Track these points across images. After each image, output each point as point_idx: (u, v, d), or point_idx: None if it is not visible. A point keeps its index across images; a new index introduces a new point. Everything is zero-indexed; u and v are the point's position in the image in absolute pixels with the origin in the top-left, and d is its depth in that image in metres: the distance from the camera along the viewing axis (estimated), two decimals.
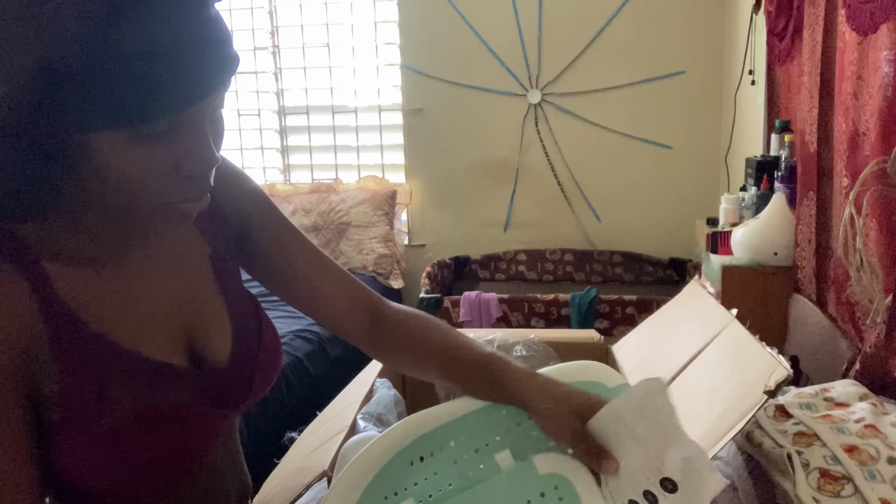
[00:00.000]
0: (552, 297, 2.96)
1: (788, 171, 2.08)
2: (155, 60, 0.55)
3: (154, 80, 0.56)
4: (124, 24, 0.54)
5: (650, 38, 3.37)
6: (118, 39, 0.54)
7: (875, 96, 1.43)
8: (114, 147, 0.59)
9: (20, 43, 0.54)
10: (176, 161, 0.62)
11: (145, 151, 0.60)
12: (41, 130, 0.57)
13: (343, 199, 3.58)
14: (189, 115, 0.60)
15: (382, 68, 3.67)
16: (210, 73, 0.59)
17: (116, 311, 0.69)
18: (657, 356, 1.20)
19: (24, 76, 0.54)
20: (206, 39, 0.58)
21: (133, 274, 0.72)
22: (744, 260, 2.07)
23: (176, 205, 0.65)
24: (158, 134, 0.60)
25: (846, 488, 0.80)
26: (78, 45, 0.54)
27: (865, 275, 1.33)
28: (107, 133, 0.58)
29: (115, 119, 0.57)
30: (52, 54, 0.54)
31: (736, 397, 0.89)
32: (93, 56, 0.54)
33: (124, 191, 0.62)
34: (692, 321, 1.21)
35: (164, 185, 0.63)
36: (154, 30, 0.55)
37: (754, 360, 0.94)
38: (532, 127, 3.53)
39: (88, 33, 0.54)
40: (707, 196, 3.29)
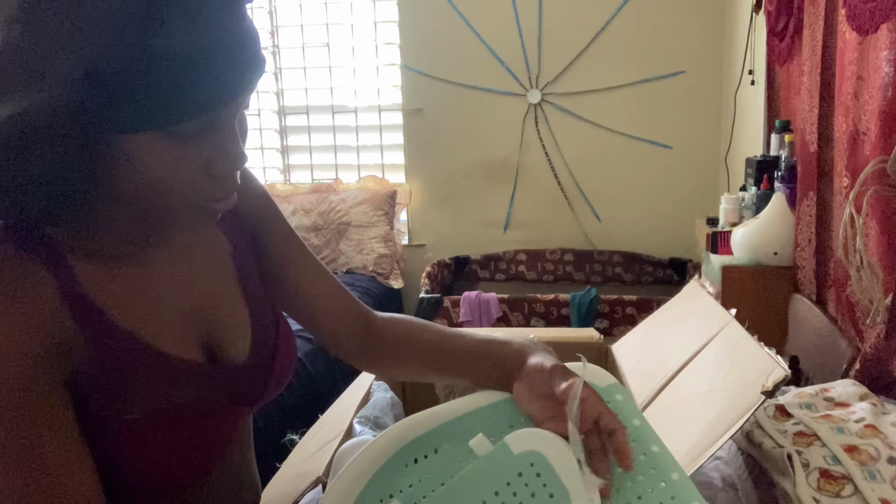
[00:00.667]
0: (552, 297, 2.96)
1: (788, 171, 2.08)
2: (191, 64, 0.57)
3: (189, 82, 0.58)
4: (162, 29, 0.56)
5: (650, 38, 3.37)
6: (157, 44, 0.56)
7: (875, 96, 1.43)
8: (147, 147, 0.60)
9: (64, 48, 0.55)
10: (206, 161, 0.64)
11: (177, 151, 0.62)
12: (78, 132, 0.58)
13: (343, 199, 3.58)
14: (220, 116, 0.62)
15: (382, 68, 3.68)
16: (241, 76, 0.61)
17: (139, 308, 0.70)
18: (656, 356, 1.20)
19: (67, 81, 0.56)
20: (239, 43, 0.60)
21: (156, 272, 0.73)
22: (744, 260, 2.07)
23: (204, 203, 0.66)
24: (190, 134, 0.61)
25: (846, 488, 0.80)
26: (119, 49, 0.55)
27: (865, 275, 1.33)
28: (141, 134, 0.60)
29: (151, 120, 0.58)
30: (95, 59, 0.55)
31: (733, 397, 0.89)
32: (133, 60, 0.56)
33: (155, 190, 0.63)
34: (691, 321, 1.21)
35: (194, 185, 0.64)
36: (191, 34, 0.57)
37: (752, 361, 0.94)
38: (532, 127, 3.53)
39: (129, 38, 0.55)
40: (707, 196, 3.29)
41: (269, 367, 0.80)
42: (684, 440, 0.89)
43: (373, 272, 3.44)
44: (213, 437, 0.75)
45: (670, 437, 0.90)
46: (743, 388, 0.88)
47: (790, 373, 0.86)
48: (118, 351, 0.67)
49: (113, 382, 0.66)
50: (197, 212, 0.67)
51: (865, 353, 1.32)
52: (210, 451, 0.75)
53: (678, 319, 1.27)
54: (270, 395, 0.82)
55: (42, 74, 0.56)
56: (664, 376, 1.10)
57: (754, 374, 0.89)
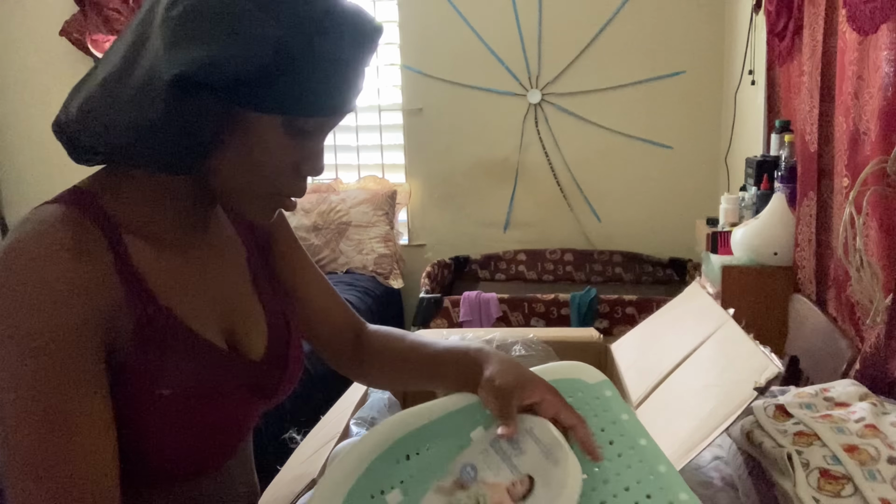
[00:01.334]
0: (552, 297, 2.96)
1: (788, 171, 2.08)
2: (338, 69, 0.67)
3: (328, 85, 0.67)
4: (326, 34, 0.65)
5: (650, 38, 3.37)
6: (320, 46, 0.65)
7: (875, 96, 1.42)
8: (269, 130, 0.68)
9: (262, 19, 0.63)
10: (299, 159, 0.72)
11: (287, 144, 0.70)
12: (231, 96, 0.65)
13: (343, 198, 3.58)
14: (327, 123, 0.72)
15: (382, 68, 3.68)
16: (356, 92, 0.71)
17: (178, 289, 0.74)
18: (653, 354, 1.20)
19: (265, 48, 0.63)
20: (362, 71, 0.71)
21: (194, 260, 0.77)
22: (744, 260, 2.07)
23: (278, 197, 0.74)
24: (303, 131, 0.70)
25: (846, 488, 0.80)
26: (296, 38, 0.64)
27: (865, 275, 1.33)
28: (272, 117, 0.67)
29: (287, 107, 0.67)
30: (286, 37, 0.63)
31: (727, 394, 0.89)
32: (301, 51, 0.64)
33: (251, 170, 0.70)
34: (689, 320, 1.21)
35: (283, 178, 0.72)
36: (342, 46, 0.67)
37: (746, 358, 0.94)
38: (532, 127, 3.53)
39: (305, 33, 0.64)
40: (707, 196, 3.29)
41: (284, 363, 0.84)
42: (678, 435, 0.89)
43: (373, 272, 3.44)
44: (233, 424, 0.78)
45: (664, 432, 0.90)
46: (736, 385, 0.88)
47: (783, 370, 0.86)
48: (157, 325, 0.70)
49: (151, 356, 0.69)
50: (272, 202, 0.74)
51: (865, 353, 1.32)
52: (230, 438, 0.79)
53: (677, 319, 1.27)
54: (284, 391, 0.85)
55: (242, 34, 0.63)
56: (660, 373, 1.10)
57: (747, 371, 0.89)
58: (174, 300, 0.73)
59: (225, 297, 0.80)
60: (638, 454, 0.74)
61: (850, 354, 1.46)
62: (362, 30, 0.70)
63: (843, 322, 1.65)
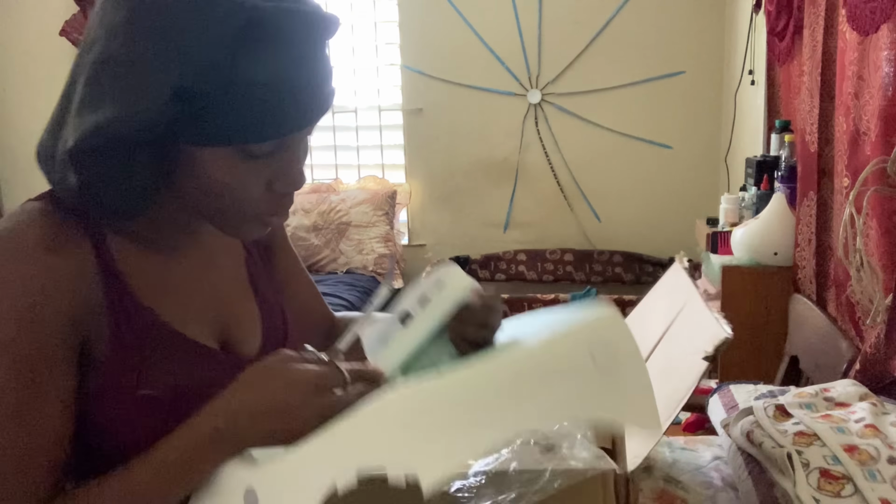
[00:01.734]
0: (552, 297, 2.96)
1: (788, 171, 2.08)
2: (273, 90, 0.62)
3: (270, 106, 0.63)
4: (252, 55, 0.61)
5: (650, 38, 3.37)
6: (246, 68, 0.61)
7: (876, 96, 1.43)
8: (219, 160, 0.65)
9: (162, 65, 0.60)
10: (270, 179, 0.69)
11: (246, 167, 0.66)
12: (161, 142, 0.63)
13: (343, 198, 3.58)
14: (291, 139, 0.67)
15: (382, 68, 3.67)
16: (316, 105, 0.66)
17: (164, 290, 0.74)
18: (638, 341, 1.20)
19: (162, 95, 0.60)
20: (318, 75, 0.65)
21: (184, 262, 0.77)
22: (744, 260, 2.07)
23: (262, 217, 0.71)
24: (261, 153, 0.66)
25: (846, 488, 0.80)
26: (210, 71, 0.60)
27: (865, 275, 1.33)
28: (217, 148, 0.64)
29: (231, 138, 0.64)
30: (188, 78, 0.60)
31: (688, 368, 0.88)
32: (222, 82, 0.60)
33: (219, 198, 0.68)
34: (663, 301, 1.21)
35: (255, 199, 0.69)
36: (278, 62, 0.62)
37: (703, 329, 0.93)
38: (532, 127, 3.53)
39: (220, 62, 0.60)
40: (707, 196, 3.29)
41: None
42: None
43: (373, 272, 3.44)
44: None
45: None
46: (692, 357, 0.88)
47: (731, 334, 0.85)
48: (138, 325, 0.70)
49: (131, 356, 0.69)
50: (253, 223, 0.72)
51: (865, 353, 1.32)
52: None
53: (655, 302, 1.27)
54: None
55: (135, 88, 0.60)
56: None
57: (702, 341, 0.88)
58: (158, 301, 0.72)
59: (218, 298, 0.80)
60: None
61: (850, 354, 1.46)
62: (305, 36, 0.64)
63: (843, 322, 1.66)
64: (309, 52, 0.64)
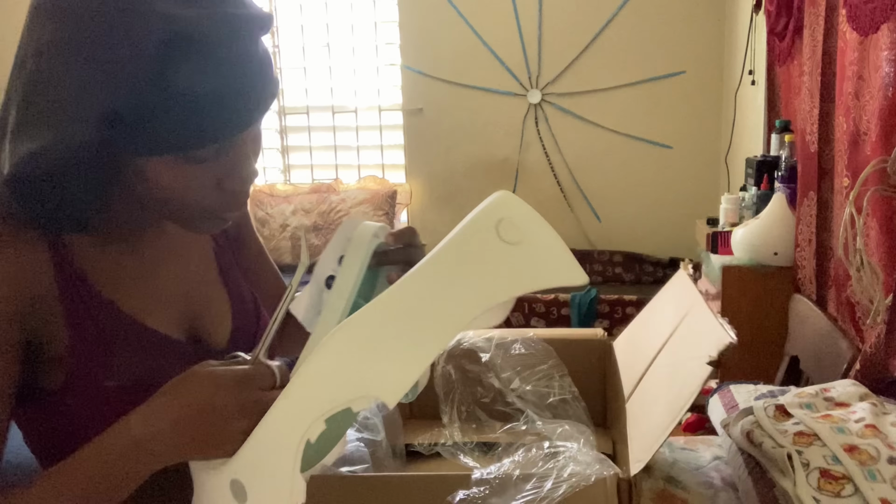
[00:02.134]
0: (552, 297, 2.96)
1: (788, 171, 2.08)
2: (207, 97, 0.61)
3: (207, 113, 0.62)
4: (179, 64, 0.60)
5: (650, 38, 3.37)
6: (174, 79, 0.60)
7: (876, 96, 1.42)
8: (165, 168, 0.65)
9: (90, 85, 0.59)
10: (219, 178, 0.69)
11: (193, 171, 0.66)
12: (99, 163, 0.63)
13: (343, 198, 3.58)
14: (235, 138, 0.67)
15: (382, 68, 3.67)
16: (257, 102, 0.66)
17: (128, 284, 0.74)
18: (640, 347, 1.20)
19: (87, 120, 0.60)
20: (253, 70, 0.64)
21: (148, 256, 0.77)
22: (744, 260, 2.07)
23: (217, 214, 0.71)
24: (206, 156, 0.66)
25: (846, 488, 0.80)
26: (139, 86, 0.59)
27: (865, 275, 1.33)
28: (159, 157, 0.64)
29: (168, 148, 0.63)
30: (116, 97, 0.59)
31: (690, 373, 0.88)
32: (152, 96, 0.60)
33: (170, 202, 0.68)
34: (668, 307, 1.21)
35: (207, 199, 0.69)
36: (207, 67, 0.61)
37: (707, 333, 0.93)
38: (532, 127, 3.53)
39: (148, 75, 0.59)
40: (707, 196, 3.29)
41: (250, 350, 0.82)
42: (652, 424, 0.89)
43: None
44: None
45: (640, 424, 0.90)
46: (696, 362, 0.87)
47: (735, 339, 0.85)
48: (99, 318, 0.70)
49: (93, 349, 0.70)
50: (208, 220, 0.72)
51: (865, 353, 1.32)
52: None
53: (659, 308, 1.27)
54: None
55: (66, 112, 0.60)
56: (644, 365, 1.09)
57: (707, 346, 0.88)
58: (120, 294, 0.73)
59: (185, 289, 0.80)
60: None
61: (850, 354, 1.46)
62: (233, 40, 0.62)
63: (843, 322, 1.65)
64: (239, 54, 0.63)
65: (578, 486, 0.75)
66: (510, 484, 0.76)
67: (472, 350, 1.06)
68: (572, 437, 0.92)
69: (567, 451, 0.83)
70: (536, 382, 1.07)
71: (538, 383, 1.07)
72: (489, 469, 0.79)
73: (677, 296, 1.20)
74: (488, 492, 0.75)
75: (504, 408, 1.05)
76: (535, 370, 1.09)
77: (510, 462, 0.81)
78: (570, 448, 0.84)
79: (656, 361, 1.06)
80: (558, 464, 0.79)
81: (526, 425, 0.99)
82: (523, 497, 0.73)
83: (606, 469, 0.78)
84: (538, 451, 0.84)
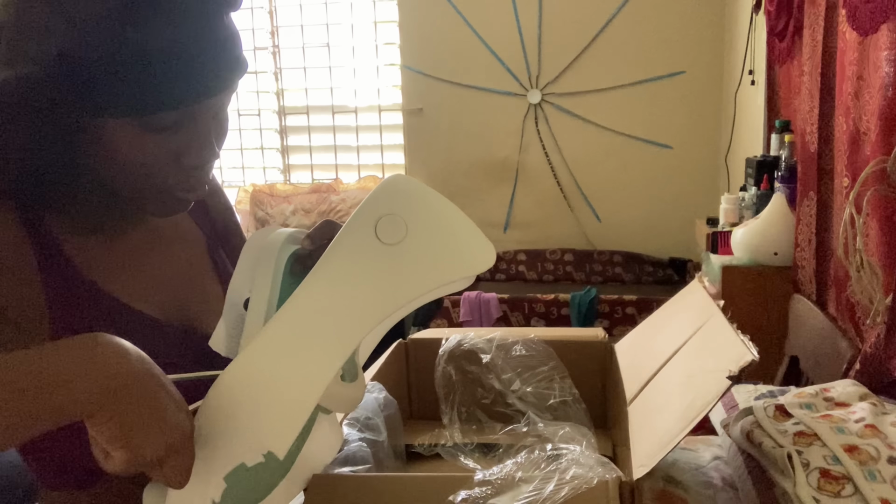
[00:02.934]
0: (552, 297, 2.96)
1: (788, 171, 2.08)
2: (167, 58, 0.61)
3: (165, 76, 0.61)
4: (141, 22, 0.60)
5: (650, 38, 3.37)
6: (135, 36, 0.60)
7: (875, 96, 1.43)
8: (123, 134, 0.64)
9: (46, 30, 0.60)
10: (178, 152, 0.68)
11: (151, 140, 0.65)
12: (58, 113, 0.62)
13: (343, 199, 3.58)
14: (195, 111, 0.66)
15: (382, 68, 3.68)
16: (218, 75, 0.65)
17: (120, 273, 0.74)
18: (647, 352, 1.20)
19: (46, 61, 0.60)
20: (216, 43, 0.64)
21: (134, 243, 0.77)
22: (744, 260, 2.07)
23: (174, 192, 0.70)
24: (164, 125, 0.65)
25: (846, 488, 0.80)
26: (98, 37, 0.59)
27: (865, 275, 1.33)
28: (118, 121, 0.63)
29: (126, 109, 0.62)
30: (75, 44, 0.59)
31: (705, 384, 0.88)
32: (110, 49, 0.60)
33: (128, 173, 0.67)
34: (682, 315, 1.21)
35: (165, 173, 0.68)
36: (169, 30, 0.61)
37: (726, 347, 0.93)
38: (532, 127, 3.53)
39: (108, 28, 0.59)
40: (707, 196, 3.29)
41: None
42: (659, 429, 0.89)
43: None
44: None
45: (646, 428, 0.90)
46: (714, 374, 0.88)
47: (757, 357, 0.85)
48: (80, 297, 0.70)
49: (75, 327, 0.69)
50: (167, 199, 0.71)
51: (865, 353, 1.32)
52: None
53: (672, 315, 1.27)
54: None
55: (21, 51, 0.60)
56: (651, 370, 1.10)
57: (726, 360, 0.88)
58: (102, 275, 0.72)
59: (176, 279, 0.80)
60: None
61: (850, 354, 1.46)
62: (199, 4, 0.63)
63: (843, 322, 1.66)
64: (206, 21, 0.63)
65: (580, 489, 0.75)
66: (512, 485, 0.76)
67: (472, 351, 1.06)
68: (574, 439, 0.92)
69: (569, 453, 0.83)
70: (537, 384, 1.07)
71: (539, 385, 1.07)
72: (492, 470, 0.79)
73: (692, 306, 1.20)
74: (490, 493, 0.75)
75: (504, 409, 1.05)
76: (536, 372, 1.09)
77: (512, 463, 0.81)
78: (573, 451, 0.84)
79: (666, 368, 1.06)
80: (561, 466, 0.79)
81: (527, 427, 0.99)
82: (525, 498, 0.73)
83: (609, 472, 0.78)
84: (541, 452, 0.84)
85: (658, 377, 1.05)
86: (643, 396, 1.04)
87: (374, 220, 0.61)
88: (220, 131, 0.71)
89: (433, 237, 0.61)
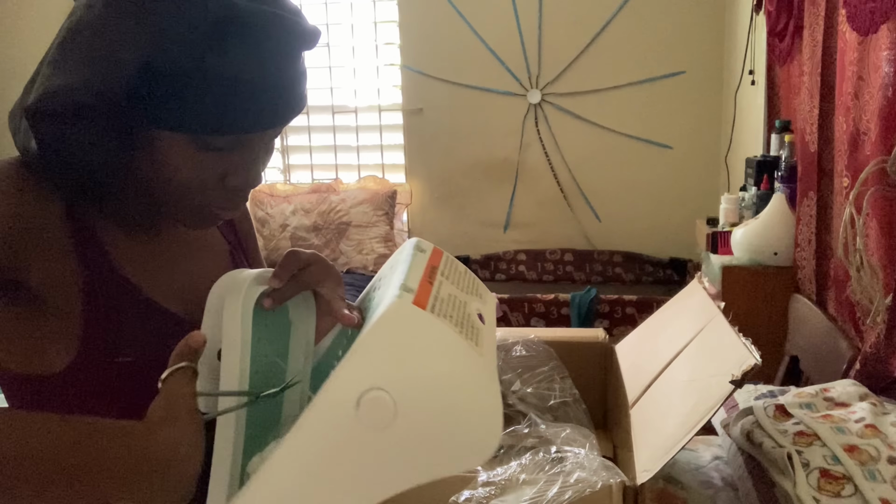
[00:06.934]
0: (552, 297, 2.96)
1: (788, 171, 2.08)
2: (240, 85, 0.63)
3: (234, 101, 0.64)
4: (223, 46, 0.62)
5: (650, 38, 3.37)
6: (215, 61, 0.62)
7: (875, 96, 1.43)
8: (176, 147, 0.66)
9: (130, 40, 0.61)
10: (224, 173, 0.70)
11: (202, 158, 0.68)
12: (122, 118, 0.64)
13: (343, 199, 3.58)
14: (250, 137, 0.68)
15: (382, 68, 3.67)
16: (282, 109, 0.67)
17: (151, 272, 0.76)
18: (648, 354, 1.20)
19: (127, 69, 0.62)
20: (286, 82, 0.66)
21: (168, 248, 0.79)
22: (744, 260, 2.07)
23: (212, 209, 0.72)
24: (218, 147, 0.67)
25: (846, 488, 0.80)
26: (181, 55, 0.61)
27: (865, 275, 1.33)
28: (174, 134, 0.65)
29: (189, 125, 0.64)
30: (157, 58, 0.62)
31: (707, 388, 0.89)
32: (189, 68, 0.62)
33: (171, 185, 0.69)
34: (683, 317, 1.21)
35: (208, 191, 0.70)
36: (248, 61, 0.63)
37: (729, 351, 0.93)
38: (532, 127, 3.53)
39: (193, 49, 0.62)
40: (707, 196, 3.29)
41: None
42: (662, 433, 0.89)
43: (373, 272, 3.43)
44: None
45: (648, 432, 0.90)
46: (717, 379, 0.88)
47: (759, 361, 0.85)
48: (112, 291, 0.72)
49: (107, 322, 0.70)
50: (203, 214, 0.73)
51: (865, 353, 1.32)
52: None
53: (672, 317, 1.27)
54: None
55: (103, 58, 0.62)
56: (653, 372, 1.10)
57: (729, 364, 0.88)
58: (134, 272, 0.74)
59: (198, 284, 0.79)
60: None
61: (850, 354, 1.46)
62: (280, 41, 0.65)
63: (843, 322, 1.66)
64: (281, 56, 0.65)
65: (584, 492, 0.75)
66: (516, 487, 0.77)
67: None
68: (576, 441, 0.92)
69: (574, 456, 0.83)
70: (537, 384, 1.07)
71: (539, 385, 1.07)
72: (496, 471, 0.79)
73: (693, 307, 1.20)
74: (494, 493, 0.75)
75: (505, 410, 1.05)
76: (536, 372, 1.09)
77: (517, 465, 0.82)
78: (577, 453, 0.84)
79: (668, 372, 1.06)
80: (565, 469, 0.79)
81: (528, 428, 1.00)
82: (528, 500, 0.73)
83: (613, 476, 0.78)
84: (545, 455, 0.84)
85: (660, 381, 1.05)
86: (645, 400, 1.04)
87: (355, 397, 0.50)
88: (266, 158, 0.73)
89: (427, 422, 0.51)
